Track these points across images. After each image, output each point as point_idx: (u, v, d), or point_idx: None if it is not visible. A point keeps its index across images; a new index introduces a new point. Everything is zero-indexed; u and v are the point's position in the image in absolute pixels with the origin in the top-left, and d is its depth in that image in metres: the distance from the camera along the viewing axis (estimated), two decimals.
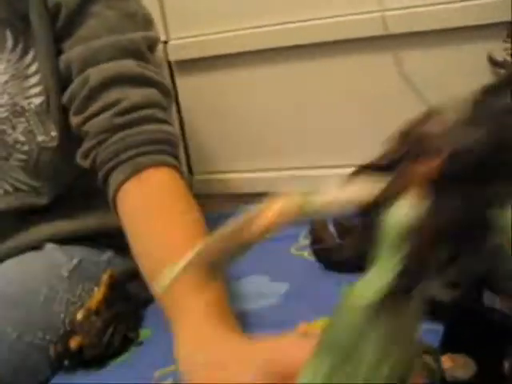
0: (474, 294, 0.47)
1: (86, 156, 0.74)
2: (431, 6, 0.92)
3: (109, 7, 0.77)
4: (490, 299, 0.47)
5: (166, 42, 1.08)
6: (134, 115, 0.72)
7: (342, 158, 1.03)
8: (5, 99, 0.77)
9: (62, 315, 0.70)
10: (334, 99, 1.03)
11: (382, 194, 0.33)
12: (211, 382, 0.49)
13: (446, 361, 0.48)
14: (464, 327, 0.50)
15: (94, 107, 0.72)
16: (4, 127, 0.78)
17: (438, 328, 0.53)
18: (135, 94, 0.73)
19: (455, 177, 0.31)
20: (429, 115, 0.34)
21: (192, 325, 0.56)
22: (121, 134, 0.71)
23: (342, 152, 1.03)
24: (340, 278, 0.73)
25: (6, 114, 0.77)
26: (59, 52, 0.76)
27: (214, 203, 1.11)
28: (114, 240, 0.79)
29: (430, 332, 0.53)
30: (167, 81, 0.99)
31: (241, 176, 1.14)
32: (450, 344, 0.49)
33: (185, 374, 0.53)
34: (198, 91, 1.10)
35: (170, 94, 0.80)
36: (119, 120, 0.71)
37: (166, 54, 1.08)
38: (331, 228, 0.82)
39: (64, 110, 0.76)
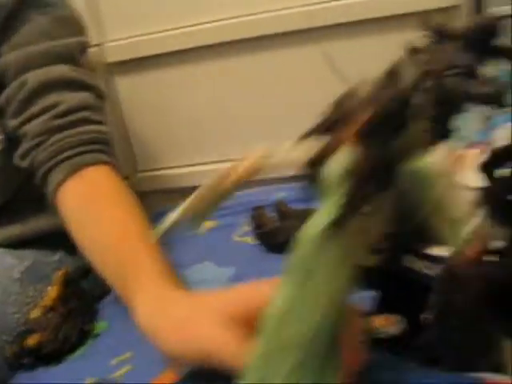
0: (397, 258, 0.52)
1: (24, 157, 0.76)
2: None
3: (42, 13, 0.79)
4: (411, 262, 0.52)
5: (100, 45, 1.10)
6: (71, 118, 0.75)
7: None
8: None
9: (17, 316, 0.72)
10: (265, 92, 1.08)
11: (323, 149, 0.40)
12: (178, 340, 0.50)
13: (381, 320, 0.53)
14: (392, 290, 0.55)
15: (32, 110, 0.75)
16: None
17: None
18: (71, 98, 0.76)
19: (376, 130, 0.38)
20: (355, 88, 0.41)
21: (149, 290, 0.57)
22: (59, 136, 0.74)
23: (279, 141, 1.09)
24: (282, 258, 0.78)
25: None
26: None
27: (159, 199, 1.14)
28: (65, 240, 0.82)
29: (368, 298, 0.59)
30: (103, 83, 1.02)
31: (183, 171, 1.17)
32: (384, 306, 0.55)
33: (149, 338, 0.54)
34: (137, 90, 1.13)
35: (104, 95, 0.83)
36: (57, 122, 0.74)
37: (103, 56, 1.10)
38: (271, 213, 0.88)
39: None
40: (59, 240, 0.83)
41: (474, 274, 0.42)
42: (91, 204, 0.70)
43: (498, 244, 0.45)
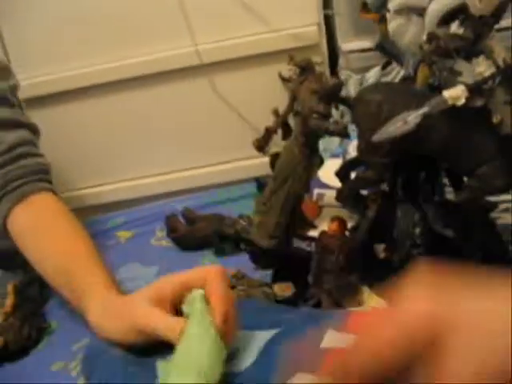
0: (287, 241, 0.73)
1: None
2: (235, 38, 1.19)
3: None
4: (297, 243, 0.73)
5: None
6: (12, 154, 0.85)
7: (177, 164, 1.27)
8: None
9: None
10: (163, 120, 1.25)
11: None
12: (118, 326, 0.66)
13: (277, 288, 0.74)
14: (285, 265, 0.75)
15: None
16: None
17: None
18: (10, 136, 0.85)
19: None
20: None
21: (97, 301, 0.72)
22: (3, 171, 0.84)
23: (178, 160, 1.27)
24: (195, 255, 0.96)
25: None
26: None
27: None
28: (2, 261, 0.93)
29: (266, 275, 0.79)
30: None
31: (92, 190, 1.31)
32: (278, 277, 0.75)
33: (99, 335, 0.70)
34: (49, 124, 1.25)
35: (38, 130, 0.93)
36: (0, 159, 0.84)
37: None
38: (181, 219, 1.05)
39: None
40: None
41: (337, 244, 0.64)
42: (40, 227, 0.82)
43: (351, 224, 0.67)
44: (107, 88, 1.22)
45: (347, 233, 0.68)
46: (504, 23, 0.98)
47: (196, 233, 0.99)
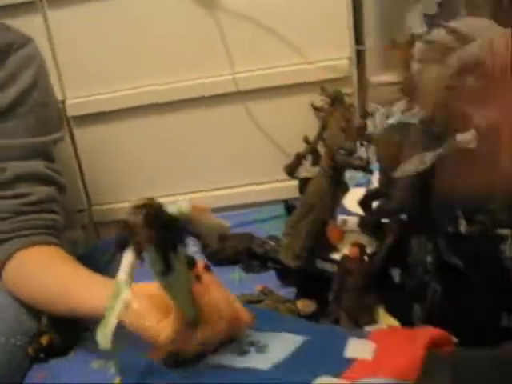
0: (311, 262, 0.80)
1: None
2: (271, 68, 1.26)
3: (31, 111, 0.94)
4: (320, 264, 0.80)
5: (63, 101, 1.28)
6: (37, 207, 0.93)
7: (212, 184, 1.35)
8: None
9: (29, 323, 0.90)
10: (201, 142, 1.32)
11: None
12: None
13: (301, 304, 0.80)
14: (308, 284, 0.83)
15: (7, 193, 0.91)
16: None
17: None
18: (41, 191, 0.93)
19: None
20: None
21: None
22: (24, 217, 0.91)
23: (212, 180, 1.36)
24: (226, 270, 1.03)
25: None
26: None
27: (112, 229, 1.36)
28: None
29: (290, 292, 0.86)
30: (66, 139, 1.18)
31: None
32: (301, 294, 0.82)
33: None
34: (93, 140, 1.33)
35: (65, 189, 1.00)
36: (26, 208, 0.92)
37: (65, 111, 1.28)
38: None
39: None
40: None
41: (356, 267, 0.71)
42: (39, 263, 0.88)
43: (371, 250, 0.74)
44: (150, 110, 1.29)
45: (366, 257, 0.74)
46: None
47: (227, 250, 1.07)
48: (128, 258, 0.55)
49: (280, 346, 0.64)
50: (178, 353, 0.66)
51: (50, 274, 0.87)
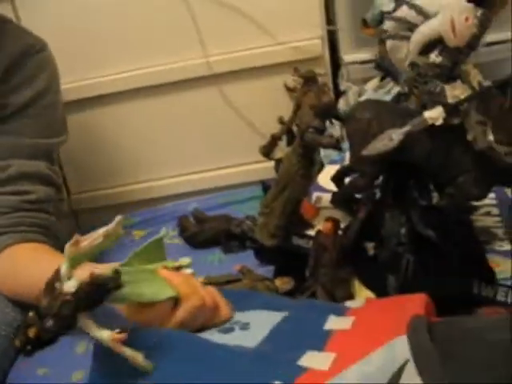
0: (287, 240, 0.82)
1: None
2: (244, 51, 1.27)
3: (41, 113, 0.97)
4: (296, 241, 0.82)
5: None
6: (36, 206, 0.94)
7: (188, 167, 1.36)
8: None
9: (12, 314, 0.90)
10: (176, 126, 1.33)
11: None
12: None
13: (279, 281, 0.82)
14: (285, 261, 0.84)
15: (8, 189, 0.94)
16: None
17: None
18: (40, 190, 0.96)
19: None
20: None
21: None
22: (22, 214, 0.93)
23: (188, 164, 1.37)
24: (204, 252, 1.05)
25: None
26: None
27: (94, 216, 1.36)
28: None
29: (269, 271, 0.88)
30: None
31: (114, 190, 1.39)
32: (279, 272, 0.84)
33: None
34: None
35: (62, 190, 1.04)
36: (25, 206, 0.94)
37: None
38: (192, 219, 1.14)
39: None
40: None
41: (330, 242, 0.73)
42: (32, 263, 0.88)
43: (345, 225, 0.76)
44: (123, 96, 1.29)
45: (340, 232, 0.76)
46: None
47: (205, 232, 1.08)
48: None
49: (261, 324, 0.65)
50: None
51: (37, 267, 0.85)
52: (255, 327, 0.65)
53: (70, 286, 0.61)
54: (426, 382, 0.44)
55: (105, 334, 0.60)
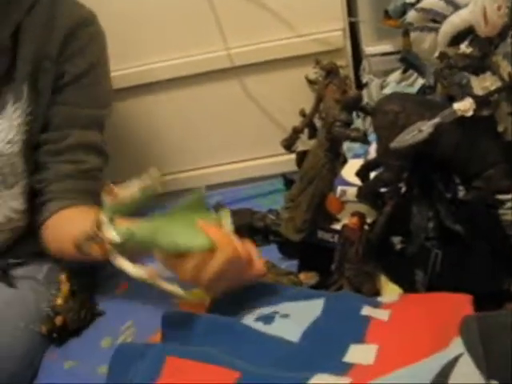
0: (313, 234, 0.81)
1: (40, 182, 0.97)
2: (265, 43, 1.25)
3: (95, 84, 1.00)
4: (321, 235, 0.81)
5: None
6: (88, 174, 0.99)
7: (210, 160, 1.36)
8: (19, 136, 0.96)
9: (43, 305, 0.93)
10: (198, 118, 1.33)
11: None
12: None
13: (303, 276, 0.82)
14: (310, 255, 0.84)
15: (65, 158, 0.97)
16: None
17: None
18: (93, 160, 1.00)
19: None
20: None
21: None
22: (74, 181, 0.97)
23: (210, 157, 1.36)
24: None
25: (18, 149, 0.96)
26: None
27: None
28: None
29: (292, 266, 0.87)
30: None
31: None
32: (303, 266, 0.83)
33: None
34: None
35: (108, 160, 1.05)
36: (78, 174, 0.97)
37: None
38: None
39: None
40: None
41: (357, 236, 0.72)
42: (75, 219, 0.93)
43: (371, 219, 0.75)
44: (143, 89, 1.29)
45: (366, 226, 0.75)
46: None
47: None
48: None
49: (300, 315, 0.65)
50: None
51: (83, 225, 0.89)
52: (295, 318, 0.65)
53: (111, 234, 0.65)
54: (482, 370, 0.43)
55: (142, 271, 0.62)
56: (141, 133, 1.36)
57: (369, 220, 0.77)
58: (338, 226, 0.79)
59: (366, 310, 0.60)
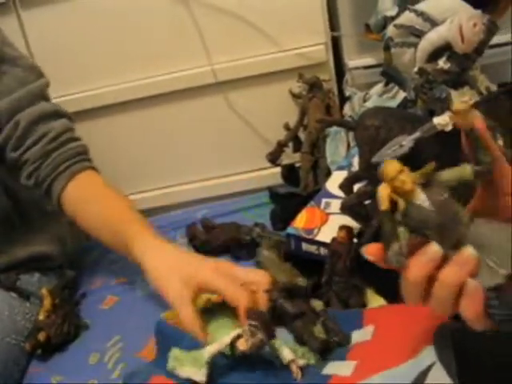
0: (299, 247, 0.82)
1: (29, 177, 0.97)
2: (248, 58, 1.27)
3: (15, 65, 0.99)
4: (307, 247, 0.82)
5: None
6: (61, 139, 0.98)
7: (196, 175, 1.37)
8: None
9: (23, 322, 0.93)
10: (182, 134, 1.34)
11: None
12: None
13: None
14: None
15: (28, 142, 0.96)
16: None
17: None
18: (56, 126, 0.98)
19: None
20: None
21: (151, 245, 0.86)
22: (54, 155, 0.97)
23: (196, 171, 1.37)
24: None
25: None
26: None
27: None
28: (39, 264, 1.04)
29: None
30: None
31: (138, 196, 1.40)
32: None
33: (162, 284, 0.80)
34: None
35: (72, 118, 1.04)
36: (51, 146, 0.97)
37: None
38: (200, 227, 1.14)
39: None
40: (35, 264, 1.04)
41: (345, 251, 0.73)
42: (92, 199, 0.96)
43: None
44: (127, 106, 1.30)
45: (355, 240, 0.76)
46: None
47: (214, 240, 1.07)
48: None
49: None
50: None
51: (100, 210, 0.95)
52: None
53: None
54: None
55: None
56: (130, 148, 1.37)
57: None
58: (321, 238, 0.81)
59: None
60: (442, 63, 0.64)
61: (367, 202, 0.79)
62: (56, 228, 1.10)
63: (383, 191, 0.47)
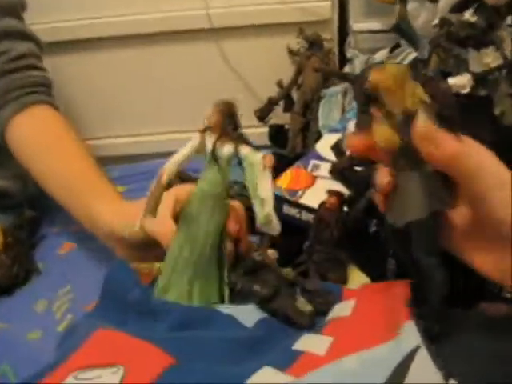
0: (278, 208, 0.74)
1: None
2: (247, 6, 1.18)
3: None
4: (288, 210, 0.74)
5: None
6: (20, 63, 0.86)
7: (174, 126, 1.28)
8: None
9: None
10: (169, 79, 1.25)
11: None
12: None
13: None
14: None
15: None
16: None
17: None
18: (21, 46, 0.87)
19: None
20: None
21: (108, 203, 0.75)
22: (10, 77, 0.85)
23: (175, 122, 1.28)
24: None
25: None
26: None
27: None
28: None
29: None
30: None
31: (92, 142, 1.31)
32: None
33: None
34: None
35: (42, 46, 0.93)
36: (8, 66, 0.85)
37: None
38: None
39: None
40: None
41: (333, 219, 0.65)
42: (44, 142, 0.82)
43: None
44: (115, 41, 1.20)
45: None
46: None
47: None
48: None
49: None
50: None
51: (53, 160, 0.82)
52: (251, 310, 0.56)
53: None
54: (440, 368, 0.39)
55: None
56: (104, 89, 1.27)
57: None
58: (304, 201, 0.73)
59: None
60: (469, 15, 0.56)
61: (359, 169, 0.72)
62: (17, 165, 1.00)
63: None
